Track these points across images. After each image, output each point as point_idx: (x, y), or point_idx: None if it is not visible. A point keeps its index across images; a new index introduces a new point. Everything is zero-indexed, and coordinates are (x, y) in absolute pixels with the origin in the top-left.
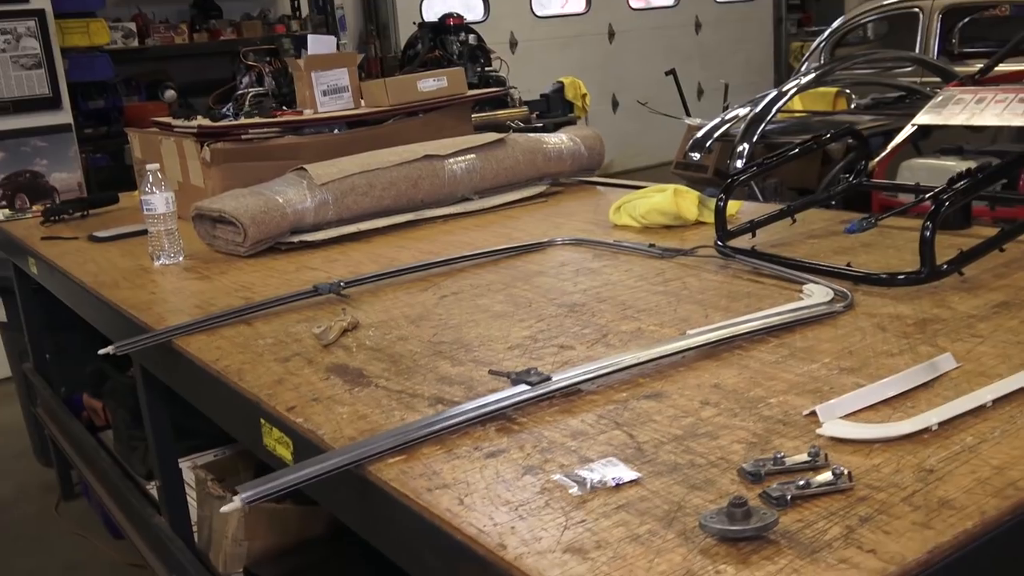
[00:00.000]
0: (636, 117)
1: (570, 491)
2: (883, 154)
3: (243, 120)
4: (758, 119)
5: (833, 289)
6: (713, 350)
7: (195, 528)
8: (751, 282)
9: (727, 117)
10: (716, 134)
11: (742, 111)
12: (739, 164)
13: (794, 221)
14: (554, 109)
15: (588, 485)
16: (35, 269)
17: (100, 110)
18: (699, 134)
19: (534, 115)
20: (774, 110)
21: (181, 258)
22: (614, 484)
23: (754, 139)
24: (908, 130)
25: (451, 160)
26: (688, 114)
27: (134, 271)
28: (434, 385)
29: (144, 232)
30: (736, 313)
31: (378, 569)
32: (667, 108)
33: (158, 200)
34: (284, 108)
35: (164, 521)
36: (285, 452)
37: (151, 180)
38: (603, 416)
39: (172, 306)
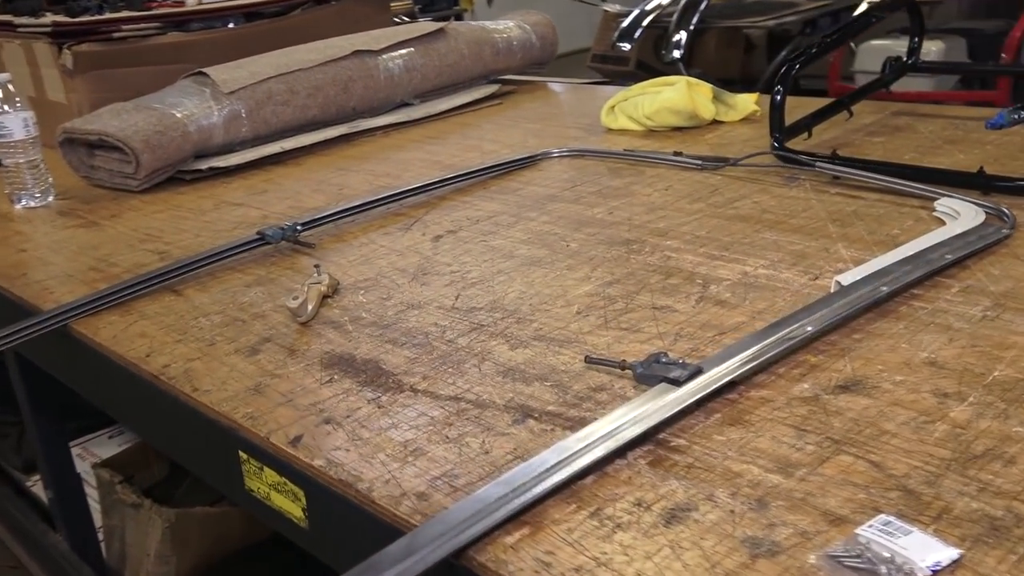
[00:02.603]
0: (534, 2)
1: None
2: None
3: (111, 14)
4: (694, 3)
5: (979, 204)
6: (880, 304)
7: (102, 540)
8: (848, 198)
9: (653, 4)
10: (645, 22)
11: None
12: (676, 54)
13: (851, 115)
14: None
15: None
16: None
17: None
18: (625, 23)
19: (416, 8)
20: None
21: (51, 198)
22: (931, 572)
23: (691, 26)
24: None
25: (386, 56)
26: None
27: None
28: (502, 384)
29: None
30: (864, 244)
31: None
32: None
33: (14, 122)
34: None
35: (60, 539)
36: (291, 506)
37: (1, 96)
38: (800, 428)
39: (55, 269)
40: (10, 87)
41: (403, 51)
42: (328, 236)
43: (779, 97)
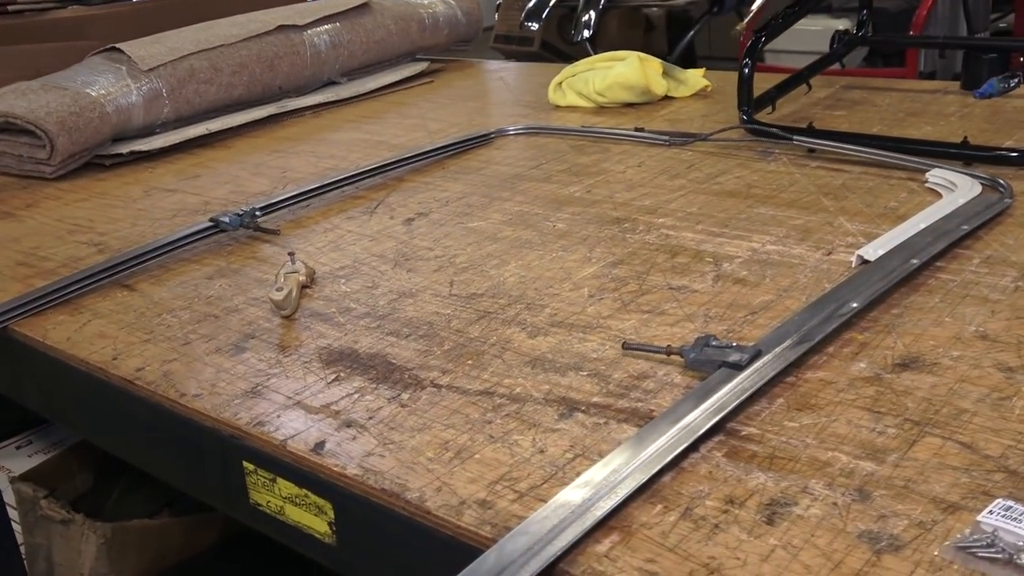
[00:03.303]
0: None
1: None
2: (752, 14)
3: None
4: None
5: (973, 175)
6: (910, 278)
7: (24, 560)
8: (830, 171)
9: None
10: (552, 1)
11: None
12: (586, 33)
13: (810, 88)
14: None
15: None
16: None
17: None
18: (532, 2)
19: None
20: None
21: None
22: None
23: (600, 5)
24: None
25: (311, 32)
26: None
27: None
28: (533, 376)
29: None
30: (866, 217)
31: None
32: None
33: None
34: None
35: None
36: (313, 520)
37: None
38: (873, 410)
39: None
40: None
41: (328, 26)
42: (284, 222)
43: (747, 70)
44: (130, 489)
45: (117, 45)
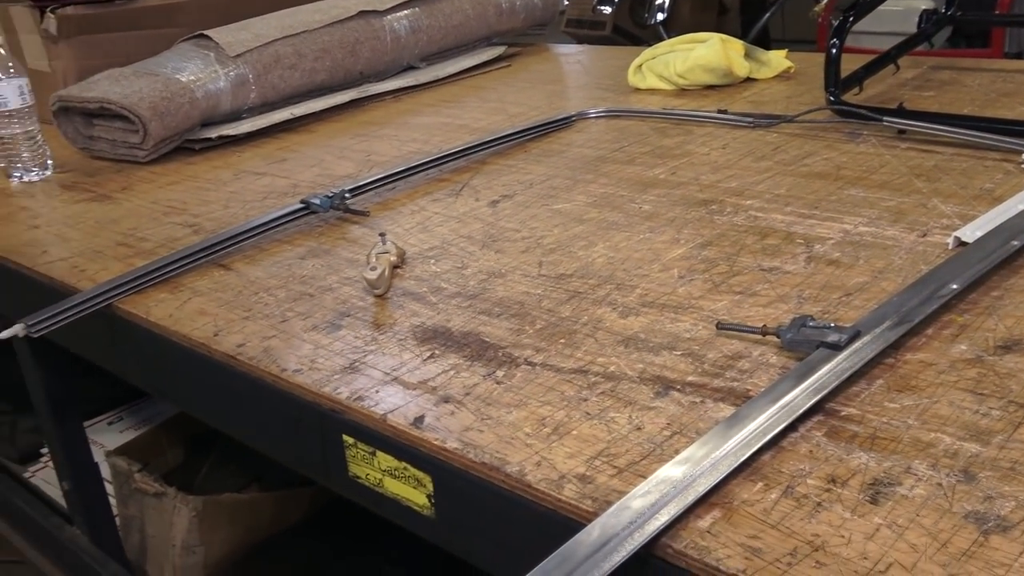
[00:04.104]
0: None
1: None
2: None
3: None
4: None
5: None
6: (1009, 260)
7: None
8: (921, 152)
9: None
10: None
11: None
12: (659, 16)
13: (898, 68)
14: None
15: None
16: None
17: None
18: None
19: None
20: None
21: (50, 171)
22: None
23: None
24: None
25: (391, 17)
26: None
27: None
28: (627, 355)
29: None
30: (961, 199)
31: (367, 562)
32: None
33: (8, 90)
34: None
35: (78, 533)
36: (412, 493)
37: None
38: (976, 392)
39: (77, 245)
40: (1, 51)
41: (408, 11)
42: (372, 204)
43: (835, 51)
44: (219, 464)
45: (205, 32)
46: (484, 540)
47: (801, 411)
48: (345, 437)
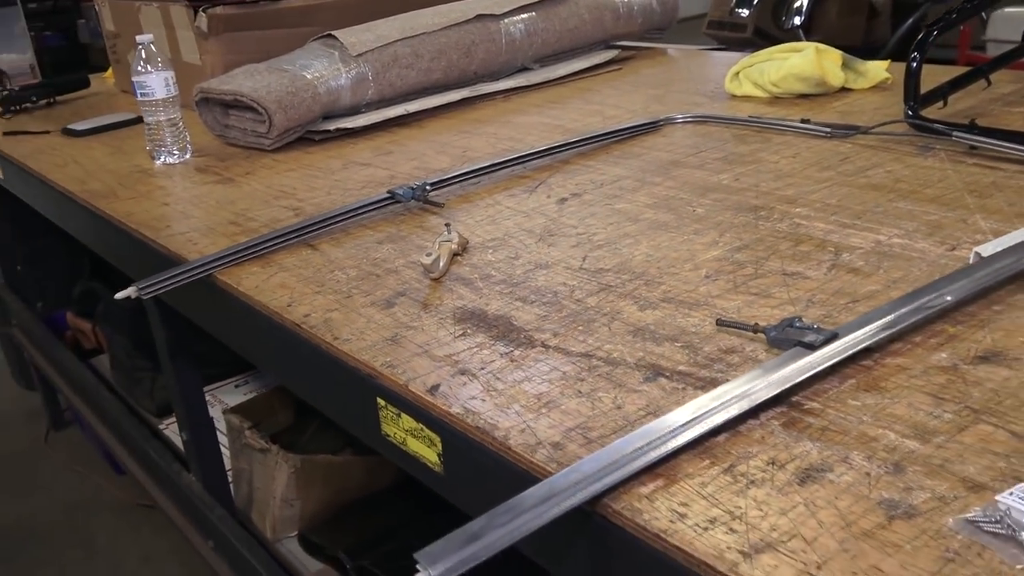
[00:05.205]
0: None
1: (1003, 557)
2: None
3: None
4: None
5: None
6: (1020, 276)
7: (231, 482)
8: (985, 168)
9: None
10: None
11: None
12: (796, 20)
13: (989, 83)
14: None
15: None
16: (0, 173)
17: None
18: None
19: None
20: None
21: (189, 155)
22: None
23: None
24: None
25: (508, 21)
26: None
27: (131, 174)
28: (632, 343)
29: (129, 123)
30: (1004, 216)
31: (450, 521)
32: None
33: (155, 81)
34: None
35: (193, 479)
36: (427, 451)
37: (144, 56)
38: (938, 396)
39: (196, 222)
40: (152, 47)
41: (525, 15)
42: (454, 196)
43: (915, 64)
44: (323, 427)
45: (333, 32)
46: (481, 494)
47: (759, 401)
48: (378, 399)
